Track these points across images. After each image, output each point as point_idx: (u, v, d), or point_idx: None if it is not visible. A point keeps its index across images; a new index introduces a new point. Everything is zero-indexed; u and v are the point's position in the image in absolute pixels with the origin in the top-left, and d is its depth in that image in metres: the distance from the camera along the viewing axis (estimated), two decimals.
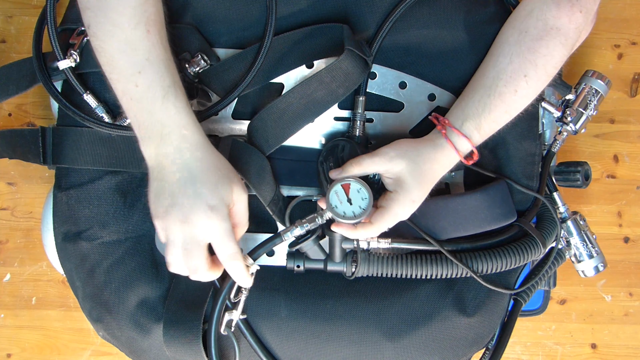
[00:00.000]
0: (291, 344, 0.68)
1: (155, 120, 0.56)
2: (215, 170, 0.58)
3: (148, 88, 0.56)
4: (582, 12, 0.62)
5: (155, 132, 0.56)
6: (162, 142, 0.56)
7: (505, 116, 0.65)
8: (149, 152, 0.57)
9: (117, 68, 0.56)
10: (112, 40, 0.55)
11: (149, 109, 0.56)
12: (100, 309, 0.69)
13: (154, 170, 0.57)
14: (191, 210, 0.55)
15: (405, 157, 0.62)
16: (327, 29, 0.68)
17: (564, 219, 0.81)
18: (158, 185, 0.57)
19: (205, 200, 0.56)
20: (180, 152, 0.56)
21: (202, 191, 0.56)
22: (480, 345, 0.72)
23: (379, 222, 0.62)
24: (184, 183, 0.56)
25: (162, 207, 0.56)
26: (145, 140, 0.57)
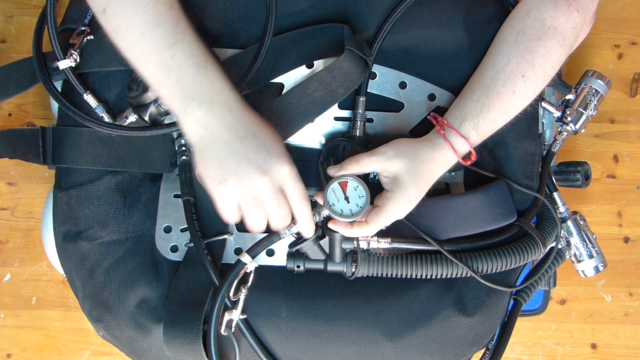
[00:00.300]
0: (291, 343, 0.68)
1: (200, 86, 0.56)
2: (267, 127, 0.59)
3: (188, 57, 0.55)
4: (580, 11, 0.62)
5: (203, 98, 0.55)
6: (212, 106, 0.56)
7: (504, 116, 0.65)
8: (197, 118, 0.56)
9: (147, 45, 0.55)
10: (137, 16, 0.55)
11: (193, 77, 0.55)
12: (100, 309, 0.69)
13: (206, 136, 0.56)
14: (265, 161, 0.56)
15: (403, 156, 0.62)
16: (327, 29, 0.68)
17: (564, 219, 0.81)
18: (218, 148, 0.56)
19: (273, 150, 0.57)
20: (231, 112, 0.56)
21: (267, 143, 0.57)
22: (481, 345, 0.72)
23: (374, 221, 0.62)
24: (247, 138, 0.56)
25: (231, 168, 0.56)
26: (190, 108, 0.56)
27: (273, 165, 0.56)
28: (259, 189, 0.56)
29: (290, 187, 0.58)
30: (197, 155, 0.57)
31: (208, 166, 0.57)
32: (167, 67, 0.55)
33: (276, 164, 0.57)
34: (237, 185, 0.56)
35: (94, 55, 0.69)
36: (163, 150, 0.72)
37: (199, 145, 0.57)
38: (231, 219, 0.59)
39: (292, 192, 0.58)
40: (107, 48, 0.69)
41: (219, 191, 0.57)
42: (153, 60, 0.56)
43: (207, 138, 0.56)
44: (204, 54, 0.57)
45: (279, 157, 0.57)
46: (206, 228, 0.71)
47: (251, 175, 0.56)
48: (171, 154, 0.72)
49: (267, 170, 0.56)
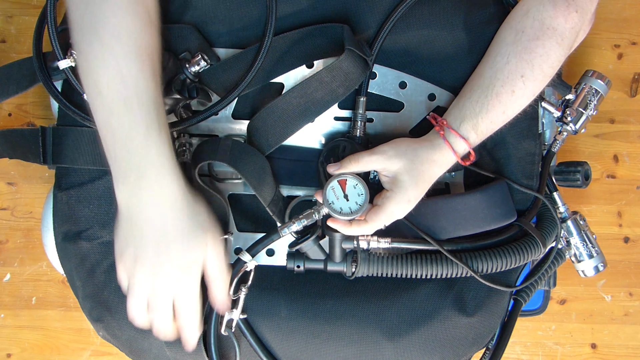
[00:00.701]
0: (291, 343, 0.68)
1: (134, 160, 0.53)
2: (190, 223, 0.57)
3: (131, 125, 0.53)
4: (578, 12, 0.63)
5: (131, 173, 0.54)
6: (137, 185, 0.54)
7: (503, 117, 0.65)
8: (123, 193, 0.55)
9: (101, 96, 0.53)
10: (101, 65, 0.52)
11: (129, 147, 0.53)
12: (100, 309, 0.69)
13: (125, 213, 0.55)
14: (161, 266, 0.55)
15: (403, 156, 0.63)
16: (328, 29, 0.68)
17: (564, 218, 0.81)
18: (128, 229, 0.56)
19: (176, 260, 0.56)
20: (156, 201, 0.54)
21: (174, 248, 0.55)
22: (481, 345, 0.72)
23: (373, 220, 0.62)
24: (156, 237, 0.55)
25: (129, 254, 0.55)
26: (119, 179, 0.55)
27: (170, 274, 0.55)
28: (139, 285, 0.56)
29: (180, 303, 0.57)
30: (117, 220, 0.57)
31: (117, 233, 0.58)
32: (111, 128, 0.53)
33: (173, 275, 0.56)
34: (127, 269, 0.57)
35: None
36: None
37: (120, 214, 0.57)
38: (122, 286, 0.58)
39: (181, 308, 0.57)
40: None
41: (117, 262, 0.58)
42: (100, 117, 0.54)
43: (125, 214, 0.56)
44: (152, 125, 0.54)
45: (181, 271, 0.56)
46: None
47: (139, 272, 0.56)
48: None
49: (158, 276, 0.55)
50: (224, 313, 0.63)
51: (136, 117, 0.53)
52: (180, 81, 0.66)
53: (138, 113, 0.53)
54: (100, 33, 0.52)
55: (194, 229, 0.57)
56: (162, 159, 0.55)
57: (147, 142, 0.54)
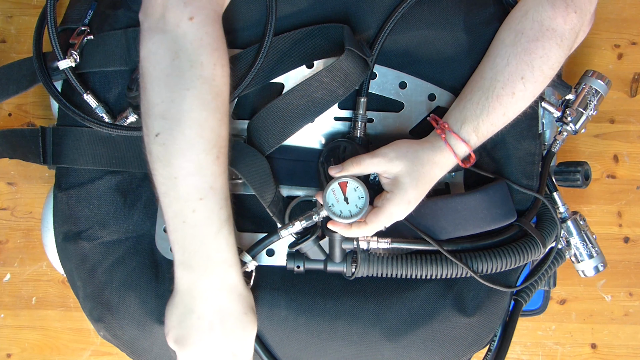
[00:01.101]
0: (291, 343, 0.69)
1: (204, 252, 0.56)
2: (245, 314, 0.60)
3: (207, 217, 0.55)
4: (577, 12, 0.63)
5: (200, 263, 0.56)
6: (204, 274, 0.56)
7: (503, 118, 0.65)
8: (187, 278, 0.57)
9: (178, 188, 0.54)
10: (182, 159, 0.53)
11: (202, 239, 0.55)
12: (101, 309, 0.69)
13: (184, 296, 0.58)
14: (215, 354, 0.58)
15: (404, 158, 0.63)
16: (327, 29, 0.68)
17: (564, 219, 0.81)
18: (185, 314, 0.57)
19: (231, 348, 0.58)
20: (217, 293, 0.57)
21: (230, 338, 0.58)
22: (480, 345, 0.72)
23: (373, 222, 0.62)
24: (214, 325, 0.57)
25: (184, 336, 0.57)
26: (186, 266, 0.57)
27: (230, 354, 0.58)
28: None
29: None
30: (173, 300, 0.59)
31: (170, 313, 0.59)
32: (185, 219, 0.55)
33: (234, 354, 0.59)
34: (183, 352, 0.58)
35: (94, 55, 0.69)
36: None
37: (177, 296, 0.58)
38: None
39: None
40: (107, 48, 0.69)
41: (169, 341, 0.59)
42: (173, 207, 0.55)
43: (185, 298, 0.58)
44: (224, 218, 0.56)
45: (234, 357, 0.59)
46: None
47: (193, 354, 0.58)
48: None
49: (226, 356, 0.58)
50: None
51: (211, 211, 0.55)
52: None
53: (213, 207, 0.55)
54: (183, 127, 0.53)
55: (248, 320, 0.60)
56: (229, 254, 0.58)
57: (218, 236, 0.56)
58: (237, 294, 0.59)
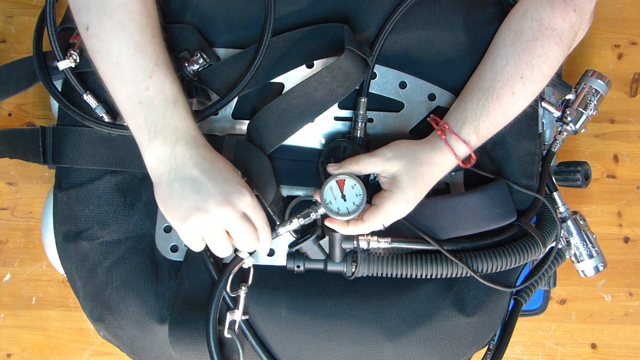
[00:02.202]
0: (291, 343, 0.69)
1: (168, 124, 0.57)
2: (225, 162, 0.60)
3: (160, 92, 0.56)
4: (577, 11, 0.63)
5: (168, 135, 0.57)
6: (177, 144, 0.57)
7: (503, 118, 0.65)
8: (162, 155, 0.57)
9: (124, 71, 0.56)
10: (118, 43, 0.55)
11: (162, 112, 0.56)
12: (101, 309, 0.69)
13: (169, 173, 0.57)
14: (229, 192, 0.57)
15: (402, 158, 0.63)
16: (327, 29, 0.68)
17: (564, 218, 0.81)
18: (180, 185, 0.57)
19: (233, 183, 0.58)
20: (195, 150, 0.57)
21: (227, 177, 0.58)
22: (480, 344, 0.72)
23: (370, 220, 0.63)
24: (210, 173, 0.57)
25: (195, 204, 0.56)
26: (156, 143, 0.57)
27: (235, 197, 0.57)
28: (224, 220, 0.57)
29: (252, 214, 0.59)
30: (158, 191, 0.58)
31: (170, 203, 0.57)
32: (139, 99, 0.56)
33: (238, 196, 0.57)
34: (201, 220, 0.57)
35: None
36: None
37: (161, 182, 0.58)
38: (196, 249, 0.59)
39: (255, 219, 0.60)
40: None
41: (183, 226, 0.57)
42: (126, 91, 0.56)
43: (169, 176, 0.57)
44: (177, 90, 0.58)
45: (240, 189, 0.58)
46: None
47: (216, 209, 0.56)
48: None
49: (230, 202, 0.57)
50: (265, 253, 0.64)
51: (163, 85, 0.56)
52: None
53: (164, 81, 0.57)
54: (111, 13, 0.55)
55: (228, 171, 0.59)
56: (190, 122, 0.58)
57: (177, 106, 0.57)
58: (206, 150, 0.59)
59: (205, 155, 0.58)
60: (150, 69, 0.56)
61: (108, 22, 0.55)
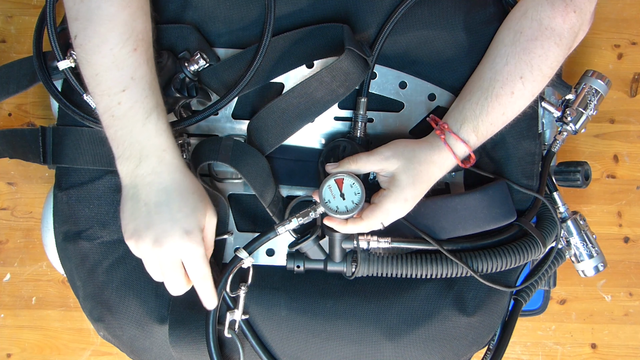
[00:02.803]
0: (291, 343, 0.69)
1: (135, 140, 0.56)
2: (191, 194, 0.58)
3: (131, 107, 0.56)
4: (577, 12, 0.63)
5: (134, 152, 0.56)
6: (140, 163, 0.57)
7: (503, 118, 0.65)
8: (126, 170, 0.57)
9: (101, 84, 0.56)
10: (98, 55, 0.55)
11: (130, 128, 0.56)
12: (101, 309, 0.69)
13: (129, 189, 0.57)
14: (167, 234, 0.56)
15: (401, 157, 0.63)
16: (327, 28, 0.68)
17: (564, 218, 0.81)
18: (133, 205, 0.57)
19: (181, 225, 0.57)
20: (157, 175, 0.57)
21: (178, 215, 0.57)
22: (480, 344, 0.72)
23: (369, 218, 0.63)
24: (160, 206, 0.56)
25: (135, 228, 0.57)
26: (123, 158, 0.57)
27: (176, 240, 0.56)
28: (149, 256, 0.57)
29: (190, 266, 0.58)
30: (121, 199, 0.59)
31: (123, 215, 0.58)
32: (112, 112, 0.56)
33: (179, 241, 0.56)
34: (137, 246, 0.57)
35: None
36: None
37: (124, 193, 0.58)
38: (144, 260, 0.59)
39: (192, 271, 0.59)
40: None
41: (127, 242, 0.58)
42: (102, 103, 0.57)
43: (129, 191, 0.57)
44: (152, 105, 0.57)
45: (187, 235, 0.57)
46: None
47: (146, 244, 0.56)
48: None
49: (165, 244, 0.56)
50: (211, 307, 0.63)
51: (135, 101, 0.56)
52: (179, 80, 0.66)
53: (137, 97, 0.56)
54: (95, 24, 0.55)
55: (195, 199, 0.58)
56: (161, 138, 0.57)
57: (147, 123, 0.57)
58: (179, 174, 0.58)
59: (167, 184, 0.57)
60: (125, 83, 0.56)
61: (91, 33, 0.55)
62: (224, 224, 0.71)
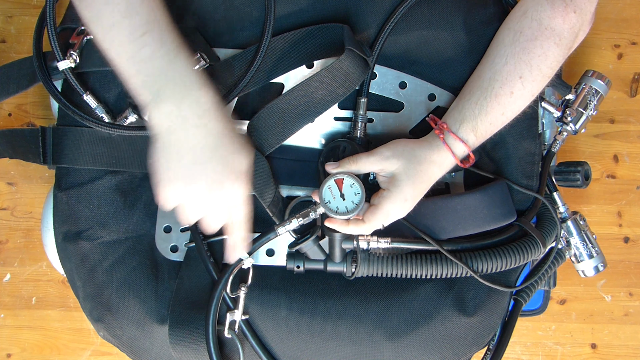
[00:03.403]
0: (291, 343, 0.69)
1: (171, 79, 0.54)
2: (237, 136, 0.58)
3: (158, 48, 0.54)
4: (577, 12, 0.63)
5: (168, 92, 0.54)
6: (184, 100, 0.54)
7: (502, 118, 0.65)
8: (164, 113, 0.54)
9: (119, 35, 0.54)
10: (109, 6, 0.54)
11: (165, 67, 0.54)
12: (101, 309, 0.70)
13: (169, 134, 0.55)
14: (223, 175, 0.55)
15: (400, 157, 0.63)
16: (327, 29, 0.68)
17: (564, 218, 0.81)
18: (178, 150, 0.55)
19: (233, 167, 0.56)
20: (205, 112, 0.55)
21: (230, 158, 0.56)
22: (480, 344, 0.72)
23: (370, 220, 0.63)
24: (211, 147, 0.55)
25: (185, 173, 0.55)
26: (157, 104, 0.54)
27: (229, 181, 0.55)
28: (205, 205, 0.56)
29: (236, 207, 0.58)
30: (156, 146, 0.56)
31: (162, 159, 0.56)
32: (138, 58, 0.54)
33: (232, 182, 0.55)
34: (184, 192, 0.55)
35: (94, 54, 0.69)
36: None
37: (162, 138, 0.55)
38: (167, 209, 0.57)
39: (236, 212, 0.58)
40: None
41: (165, 188, 0.56)
42: (124, 53, 0.54)
43: (171, 133, 0.55)
44: (176, 45, 0.55)
45: (238, 177, 0.56)
46: None
47: (198, 186, 0.55)
48: None
49: (218, 186, 0.55)
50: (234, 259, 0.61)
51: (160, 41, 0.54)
52: None
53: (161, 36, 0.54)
54: None
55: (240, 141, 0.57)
56: (195, 76, 0.55)
57: (176, 61, 0.55)
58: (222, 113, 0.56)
59: (213, 126, 0.55)
60: (144, 27, 0.54)
61: None
62: None
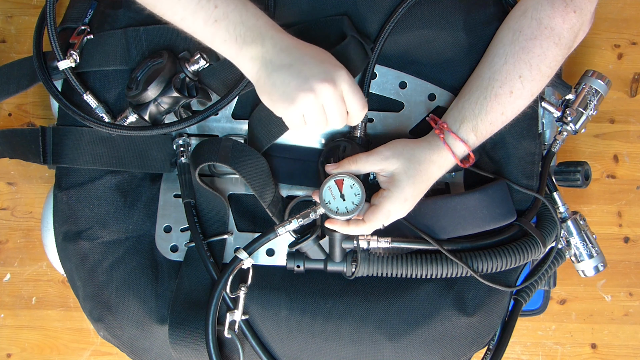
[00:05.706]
0: (291, 343, 0.68)
1: (250, 25, 0.57)
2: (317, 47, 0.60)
3: (228, 4, 0.57)
4: (577, 12, 0.63)
5: (255, 35, 0.57)
6: (265, 39, 0.57)
7: (502, 118, 0.65)
8: (254, 54, 0.58)
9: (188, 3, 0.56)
10: None
11: (239, 20, 0.57)
12: (101, 309, 0.69)
13: (266, 67, 0.57)
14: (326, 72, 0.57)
15: (400, 156, 0.63)
16: (328, 22, 0.68)
17: (564, 218, 0.81)
18: (280, 74, 0.57)
19: (329, 63, 0.58)
20: (284, 42, 0.58)
21: (324, 56, 0.59)
22: (481, 344, 0.72)
23: (371, 220, 0.62)
24: (304, 59, 0.57)
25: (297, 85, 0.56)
26: (245, 48, 0.57)
27: (334, 74, 0.57)
28: (325, 96, 0.57)
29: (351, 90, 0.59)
30: (259, 88, 0.59)
31: (274, 93, 0.58)
32: (213, 19, 0.56)
33: (336, 74, 0.57)
34: (306, 98, 0.56)
35: (94, 54, 0.69)
36: (163, 150, 0.72)
37: (260, 78, 0.58)
38: (299, 128, 0.60)
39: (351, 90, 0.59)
40: (107, 47, 0.69)
41: (290, 108, 0.57)
42: (199, 18, 0.57)
43: (267, 69, 0.57)
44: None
45: (337, 68, 0.58)
46: (206, 228, 0.71)
47: (318, 87, 0.56)
48: (171, 154, 0.72)
49: (331, 80, 0.57)
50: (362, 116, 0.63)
51: None
52: (179, 80, 0.66)
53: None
54: None
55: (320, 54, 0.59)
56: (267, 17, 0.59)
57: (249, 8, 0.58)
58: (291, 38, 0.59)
59: (293, 44, 0.58)
60: None
61: None
62: (224, 224, 0.71)
